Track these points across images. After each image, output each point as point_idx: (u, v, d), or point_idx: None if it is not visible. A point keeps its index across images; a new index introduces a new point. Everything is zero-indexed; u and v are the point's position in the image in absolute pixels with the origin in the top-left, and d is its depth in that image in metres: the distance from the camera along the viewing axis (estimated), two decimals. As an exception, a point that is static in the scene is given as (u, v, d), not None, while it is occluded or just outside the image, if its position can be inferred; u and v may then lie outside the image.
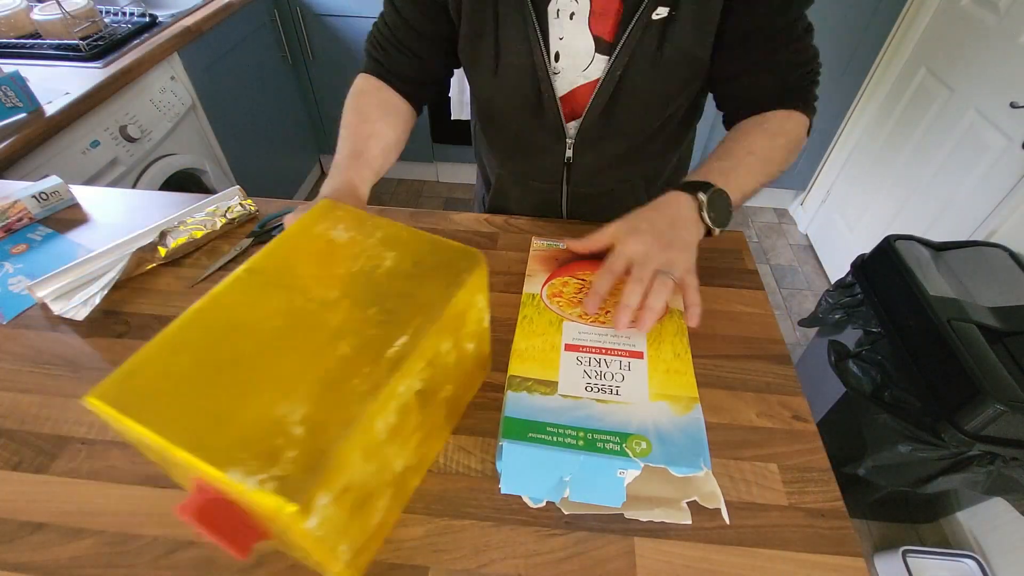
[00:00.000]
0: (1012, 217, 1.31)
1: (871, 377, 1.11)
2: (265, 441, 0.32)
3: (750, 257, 0.74)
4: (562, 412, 0.51)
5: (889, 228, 1.66)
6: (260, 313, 0.39)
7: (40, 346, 0.60)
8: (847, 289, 1.26)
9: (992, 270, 1.14)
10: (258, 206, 0.79)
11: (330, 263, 0.43)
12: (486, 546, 0.46)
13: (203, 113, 1.57)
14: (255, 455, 0.31)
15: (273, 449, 0.32)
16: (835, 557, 0.45)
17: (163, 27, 1.43)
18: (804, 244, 2.21)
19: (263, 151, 1.95)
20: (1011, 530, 1.20)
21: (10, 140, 0.98)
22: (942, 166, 1.56)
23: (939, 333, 0.98)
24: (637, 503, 0.47)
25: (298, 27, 1.94)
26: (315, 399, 0.34)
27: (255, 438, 0.32)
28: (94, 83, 1.17)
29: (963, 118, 1.50)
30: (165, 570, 0.44)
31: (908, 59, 1.76)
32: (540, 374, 0.54)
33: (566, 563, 0.45)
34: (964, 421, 0.92)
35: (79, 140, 1.15)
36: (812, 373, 1.34)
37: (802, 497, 0.49)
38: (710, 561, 0.45)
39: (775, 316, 0.66)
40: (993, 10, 1.44)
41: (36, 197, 0.76)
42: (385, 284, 0.42)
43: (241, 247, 0.73)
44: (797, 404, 0.57)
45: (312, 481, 0.31)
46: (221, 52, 1.63)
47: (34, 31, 1.33)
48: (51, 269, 0.66)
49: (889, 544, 1.30)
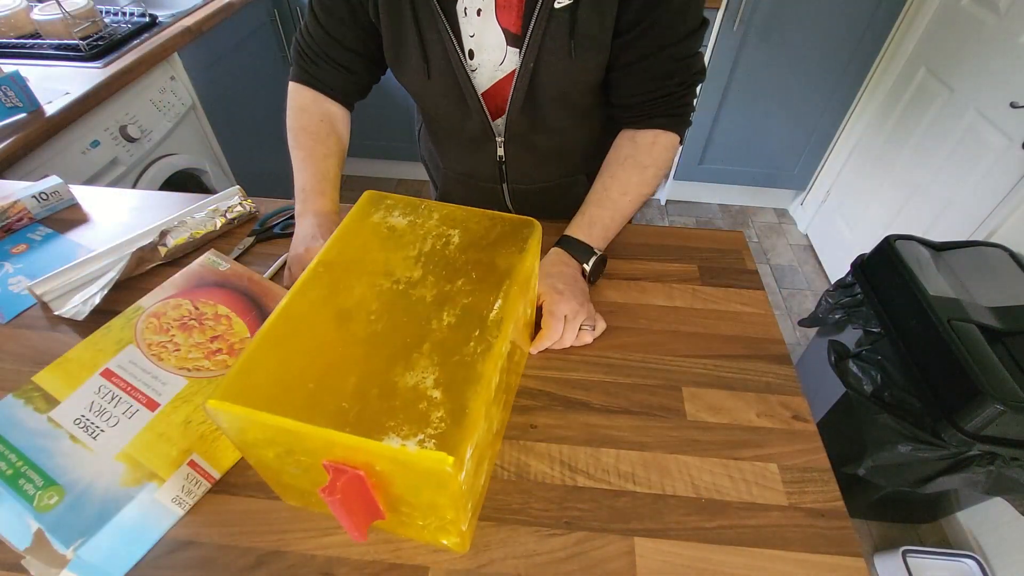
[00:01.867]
0: (1012, 217, 1.31)
1: (871, 377, 1.11)
2: (411, 407, 0.35)
3: (750, 257, 0.74)
4: (28, 432, 0.49)
5: (889, 228, 1.66)
6: (352, 300, 0.42)
7: (40, 346, 0.60)
8: (847, 289, 1.26)
9: (992, 270, 1.14)
10: (258, 206, 0.79)
11: (399, 247, 0.46)
12: (486, 546, 0.46)
13: (203, 113, 1.57)
14: (406, 421, 0.34)
15: (421, 413, 0.35)
16: (835, 557, 0.45)
17: (163, 27, 1.43)
18: (804, 244, 2.21)
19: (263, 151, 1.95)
20: (1011, 530, 1.19)
21: (10, 140, 0.98)
22: (942, 166, 1.56)
23: (939, 333, 0.98)
24: None
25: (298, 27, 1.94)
26: (440, 365, 0.37)
27: (399, 407, 0.35)
28: (94, 83, 1.17)
29: (963, 118, 1.50)
30: (165, 570, 0.44)
31: (908, 59, 1.76)
32: (54, 388, 0.53)
33: (566, 563, 0.45)
34: (964, 421, 0.92)
35: (79, 140, 1.15)
36: (812, 373, 1.34)
37: (802, 497, 0.49)
38: (710, 561, 0.45)
39: (775, 316, 0.66)
40: (993, 10, 1.44)
41: (36, 197, 0.76)
42: (460, 258, 0.45)
43: (244, 246, 0.73)
44: (797, 404, 0.57)
45: (461, 436, 0.34)
46: (221, 52, 1.63)
47: (34, 31, 1.33)
48: (51, 269, 0.66)
49: (889, 544, 1.30)
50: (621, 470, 0.52)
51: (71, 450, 0.49)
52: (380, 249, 0.46)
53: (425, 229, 0.48)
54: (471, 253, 0.46)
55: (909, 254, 1.13)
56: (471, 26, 0.63)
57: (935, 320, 1.00)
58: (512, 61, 0.64)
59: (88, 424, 0.51)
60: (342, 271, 0.44)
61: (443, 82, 0.66)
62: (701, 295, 0.69)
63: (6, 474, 0.47)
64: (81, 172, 1.15)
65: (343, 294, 0.42)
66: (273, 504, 0.49)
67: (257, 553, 0.45)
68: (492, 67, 0.65)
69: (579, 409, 0.56)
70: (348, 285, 0.43)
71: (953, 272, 1.12)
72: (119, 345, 0.57)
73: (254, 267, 0.70)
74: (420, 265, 0.45)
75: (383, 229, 0.48)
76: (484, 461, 0.44)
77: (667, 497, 0.50)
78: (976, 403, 0.90)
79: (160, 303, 0.61)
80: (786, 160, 2.17)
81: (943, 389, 0.96)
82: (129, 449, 0.50)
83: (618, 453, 0.53)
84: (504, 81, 0.66)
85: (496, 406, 0.44)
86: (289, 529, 0.47)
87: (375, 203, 0.51)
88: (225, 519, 0.48)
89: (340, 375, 0.37)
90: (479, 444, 0.38)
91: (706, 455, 0.53)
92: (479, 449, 0.39)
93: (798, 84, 1.94)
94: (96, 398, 0.52)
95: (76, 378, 0.54)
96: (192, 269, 0.65)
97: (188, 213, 0.75)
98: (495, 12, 0.61)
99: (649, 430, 0.55)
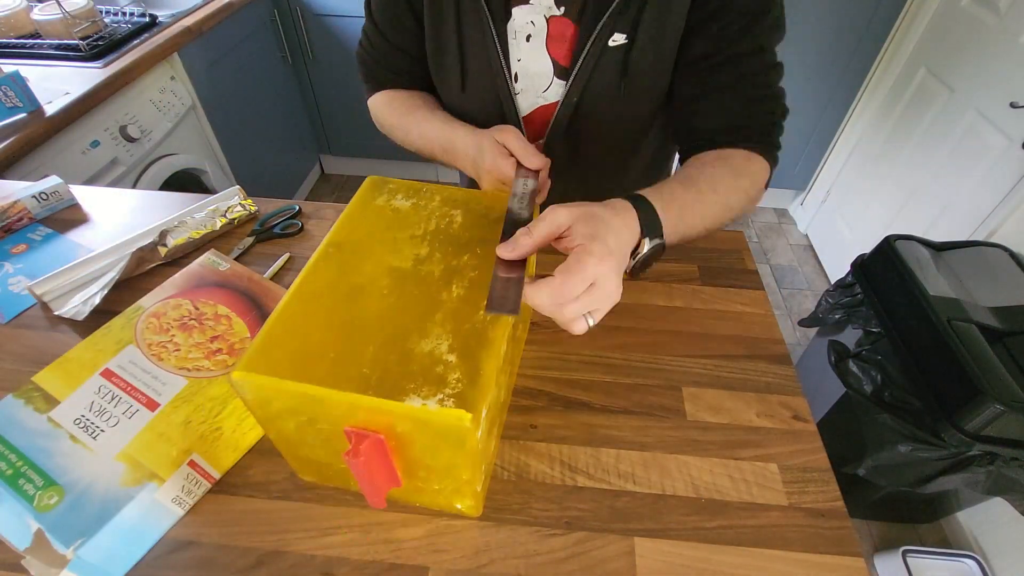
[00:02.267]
0: (1012, 217, 1.31)
1: (871, 377, 1.11)
2: (429, 371, 0.37)
3: (750, 257, 0.74)
4: (28, 432, 0.49)
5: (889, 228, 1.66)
6: (363, 278, 0.44)
7: (40, 346, 0.60)
8: (847, 289, 1.26)
9: (992, 270, 1.14)
10: (258, 206, 0.79)
11: (405, 227, 0.48)
12: (486, 546, 0.46)
13: (203, 113, 1.57)
14: (425, 383, 0.36)
15: (439, 375, 0.37)
16: (835, 557, 0.45)
17: (163, 27, 1.43)
18: (804, 244, 2.21)
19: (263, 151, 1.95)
20: (1011, 530, 1.19)
21: (10, 140, 0.98)
22: (942, 166, 1.56)
23: (939, 333, 0.98)
24: None
25: (298, 27, 1.94)
26: (452, 332, 0.40)
27: (417, 371, 0.37)
28: (94, 83, 1.17)
29: (963, 118, 1.50)
30: (165, 570, 0.44)
31: (908, 59, 1.76)
32: (54, 388, 0.53)
33: (566, 563, 0.45)
34: (964, 421, 0.92)
35: (79, 140, 1.15)
36: (812, 373, 1.34)
37: (802, 497, 0.49)
38: (710, 561, 0.45)
39: (775, 316, 0.66)
40: (993, 10, 1.44)
41: (36, 197, 0.76)
42: (464, 235, 0.47)
43: (244, 246, 0.73)
44: (797, 404, 0.57)
45: (478, 395, 0.36)
46: (221, 52, 1.63)
47: (34, 31, 1.33)
48: (51, 269, 0.66)
49: (889, 544, 1.30)
50: (621, 470, 0.52)
51: (71, 450, 0.49)
52: (387, 229, 0.48)
53: (428, 210, 0.50)
54: (474, 231, 0.48)
55: (909, 254, 1.13)
56: (519, 51, 0.62)
57: (935, 320, 1.00)
58: (556, 92, 0.63)
59: (88, 424, 0.51)
60: (351, 251, 0.46)
61: (481, 99, 0.65)
62: (701, 295, 0.69)
63: (6, 474, 0.47)
64: (81, 172, 1.15)
65: (354, 272, 0.44)
66: (273, 504, 0.49)
67: (257, 553, 0.45)
68: (534, 94, 0.65)
69: (579, 409, 0.56)
70: (358, 264, 0.45)
71: (953, 272, 1.12)
72: (119, 345, 0.57)
73: (254, 267, 0.70)
74: (427, 243, 0.47)
75: (388, 212, 0.50)
76: (494, 427, 0.46)
77: (667, 497, 0.50)
78: (976, 403, 0.90)
79: (160, 303, 0.61)
80: (786, 160, 2.16)
81: (943, 389, 0.96)
82: (129, 449, 0.50)
83: (618, 453, 0.53)
84: (545, 109, 0.66)
85: (504, 374, 0.45)
86: (289, 529, 0.47)
87: (378, 187, 0.53)
88: (225, 519, 0.48)
89: (358, 345, 0.39)
90: (491, 407, 0.40)
91: (706, 455, 0.53)
92: (491, 412, 0.41)
93: (798, 84, 1.94)
94: (96, 398, 0.52)
95: (76, 378, 0.54)
96: (192, 269, 0.65)
97: (188, 213, 0.75)
98: (546, 42, 0.61)
99: (649, 430, 0.55)
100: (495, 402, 0.41)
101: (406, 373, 0.37)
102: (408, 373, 0.37)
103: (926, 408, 0.99)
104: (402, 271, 0.44)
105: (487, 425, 0.40)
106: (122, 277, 0.66)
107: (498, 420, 0.48)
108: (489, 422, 0.41)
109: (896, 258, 1.13)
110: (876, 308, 1.15)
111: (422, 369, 0.37)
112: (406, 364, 0.38)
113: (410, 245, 0.46)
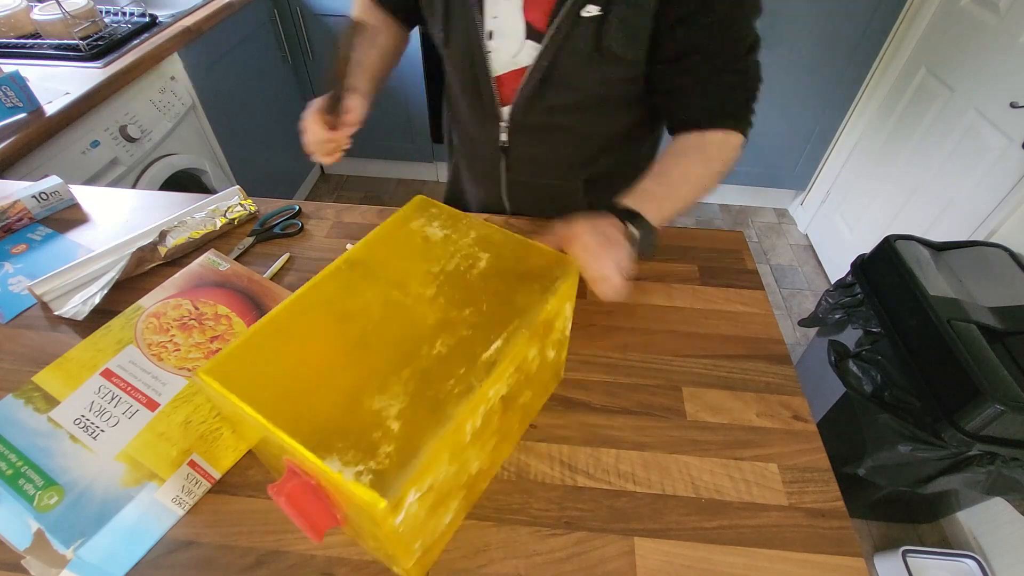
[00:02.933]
0: (1012, 217, 1.31)
1: (871, 377, 1.11)
2: (364, 433, 0.33)
3: (750, 257, 0.74)
4: (28, 432, 0.50)
5: (889, 228, 1.66)
6: (359, 304, 0.42)
7: (40, 346, 0.60)
8: (847, 289, 1.26)
9: (992, 270, 1.14)
10: (258, 206, 0.79)
11: (426, 260, 0.46)
12: (486, 546, 0.46)
13: (203, 113, 1.57)
14: (354, 445, 0.32)
15: (371, 442, 0.33)
16: (835, 557, 0.45)
17: (163, 27, 1.42)
18: (804, 244, 2.21)
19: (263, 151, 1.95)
20: (1011, 530, 1.19)
21: (10, 140, 0.98)
22: (942, 166, 1.56)
23: (939, 333, 0.98)
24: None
25: (298, 27, 1.94)
26: (411, 396, 0.35)
27: (354, 429, 0.33)
28: (94, 83, 1.17)
29: (963, 118, 1.50)
30: (165, 570, 0.44)
31: (908, 59, 1.76)
32: (54, 388, 0.53)
33: (566, 563, 0.45)
34: (964, 421, 0.92)
35: (79, 140, 1.15)
36: (812, 373, 1.34)
37: (802, 497, 0.49)
38: (710, 561, 0.45)
39: (775, 316, 0.66)
40: (993, 10, 1.44)
41: (36, 197, 0.76)
42: (480, 285, 0.43)
43: (244, 246, 0.73)
44: (797, 404, 0.57)
45: (405, 478, 0.31)
46: (221, 52, 1.63)
47: (34, 31, 1.33)
48: (51, 269, 0.66)
49: (889, 544, 1.30)
50: (621, 470, 0.51)
51: (71, 450, 0.49)
52: (406, 258, 0.46)
53: (457, 247, 0.47)
54: (492, 282, 0.44)
55: (909, 254, 1.13)
56: (496, 7, 0.63)
57: (935, 320, 1.00)
58: (528, 55, 0.64)
59: (88, 424, 0.51)
60: (362, 273, 0.44)
61: (461, 55, 0.67)
62: (701, 295, 0.69)
63: (6, 474, 0.47)
64: (81, 172, 1.15)
65: (354, 295, 0.43)
66: (273, 504, 0.48)
67: (257, 553, 0.45)
68: (507, 55, 0.66)
69: (579, 409, 0.56)
70: (362, 287, 0.43)
71: (953, 272, 1.12)
72: (119, 345, 0.57)
73: (254, 267, 0.70)
74: (437, 284, 0.44)
75: (418, 238, 0.48)
76: (453, 500, 0.42)
77: (667, 497, 0.50)
78: (976, 403, 0.90)
79: (160, 303, 0.61)
80: (786, 160, 2.17)
81: (943, 389, 0.96)
82: (129, 449, 0.50)
83: (618, 453, 0.53)
84: (517, 72, 0.67)
85: (479, 448, 0.42)
86: (289, 529, 0.47)
87: (421, 208, 0.51)
88: (225, 519, 0.48)
89: (313, 380, 0.37)
90: (439, 487, 0.36)
91: (706, 455, 0.53)
92: (439, 491, 0.37)
93: (798, 84, 1.94)
94: (96, 398, 0.52)
95: (76, 378, 0.54)
96: (192, 269, 0.65)
97: (188, 213, 0.75)
98: (523, 3, 0.62)
99: (649, 430, 0.55)
100: (451, 480, 0.38)
101: (341, 428, 0.33)
102: (343, 429, 0.33)
103: (926, 408, 0.99)
104: (398, 307, 0.42)
105: (427, 506, 0.36)
106: (122, 277, 0.66)
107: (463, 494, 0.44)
108: (436, 500, 0.38)
109: (896, 258, 1.13)
110: (876, 308, 1.15)
111: (359, 429, 0.33)
112: (348, 418, 0.34)
113: (420, 281, 0.44)
